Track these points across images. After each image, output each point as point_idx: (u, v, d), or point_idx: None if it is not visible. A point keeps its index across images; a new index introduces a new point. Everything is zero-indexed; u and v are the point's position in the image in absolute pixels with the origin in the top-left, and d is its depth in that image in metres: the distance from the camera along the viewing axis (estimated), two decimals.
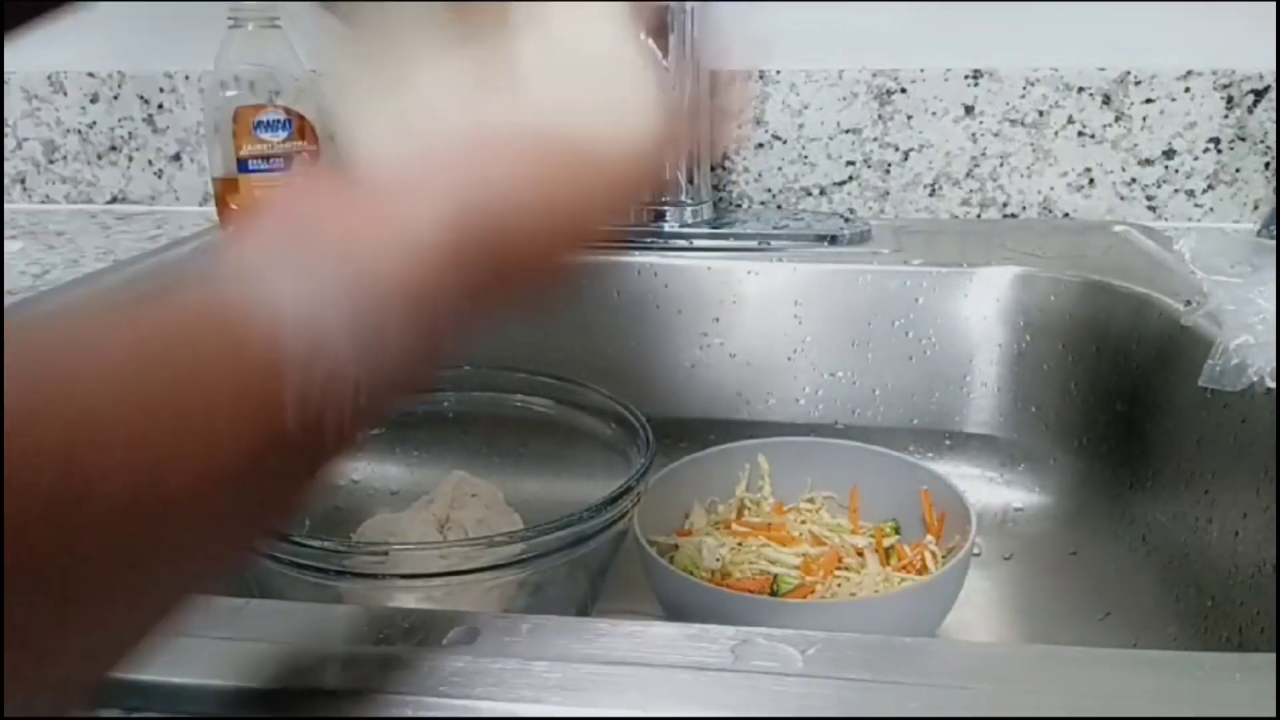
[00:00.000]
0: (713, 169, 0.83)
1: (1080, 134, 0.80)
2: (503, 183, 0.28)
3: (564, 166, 0.30)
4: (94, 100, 0.92)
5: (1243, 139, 0.78)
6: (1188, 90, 0.77)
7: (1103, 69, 0.78)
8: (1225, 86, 0.77)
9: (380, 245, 0.26)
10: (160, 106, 0.91)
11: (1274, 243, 0.70)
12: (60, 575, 0.18)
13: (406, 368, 0.26)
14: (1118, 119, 0.79)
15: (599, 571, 0.50)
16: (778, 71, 0.82)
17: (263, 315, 0.23)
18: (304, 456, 0.24)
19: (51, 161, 0.94)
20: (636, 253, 0.73)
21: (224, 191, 0.76)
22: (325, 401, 0.23)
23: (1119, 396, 0.64)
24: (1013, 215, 0.83)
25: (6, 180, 0.95)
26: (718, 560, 0.54)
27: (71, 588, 0.18)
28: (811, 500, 0.62)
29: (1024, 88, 0.79)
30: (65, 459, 0.18)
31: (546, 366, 0.63)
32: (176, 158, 0.92)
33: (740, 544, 0.57)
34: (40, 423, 0.18)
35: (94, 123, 0.93)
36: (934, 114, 0.81)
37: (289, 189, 0.29)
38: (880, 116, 0.82)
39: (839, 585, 0.54)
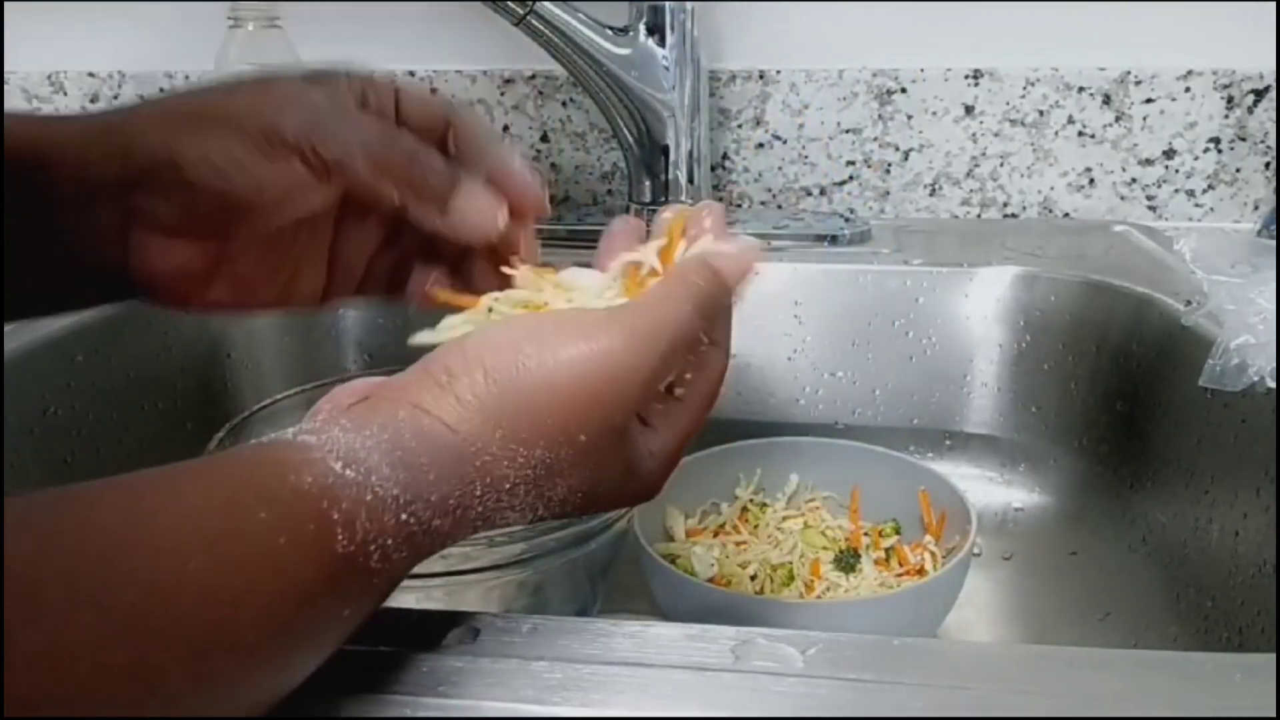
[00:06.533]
0: (713, 169, 0.83)
1: (1080, 134, 0.80)
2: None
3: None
4: (94, 100, 0.92)
5: (1243, 139, 0.78)
6: (1188, 90, 0.77)
7: (1103, 69, 0.78)
8: (1225, 86, 0.77)
9: (423, 404, 0.28)
10: None
11: (1274, 243, 0.70)
12: (143, 686, 0.21)
13: (449, 507, 0.28)
14: (1118, 119, 0.79)
15: (599, 571, 0.49)
16: (778, 71, 0.82)
17: (314, 455, 0.26)
18: (355, 580, 0.26)
19: None
20: None
21: None
22: (371, 529, 0.25)
23: (1119, 396, 0.64)
24: (1013, 215, 0.83)
25: None
26: (713, 564, 0.54)
27: (154, 695, 0.21)
28: (812, 500, 0.62)
29: (1024, 88, 0.79)
30: (147, 585, 0.21)
31: None
32: None
33: (739, 545, 0.57)
34: (128, 562, 0.21)
35: None
36: (934, 114, 0.81)
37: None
38: (880, 116, 0.82)
39: (839, 586, 0.54)
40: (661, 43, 0.72)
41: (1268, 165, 0.78)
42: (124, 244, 0.36)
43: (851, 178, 0.84)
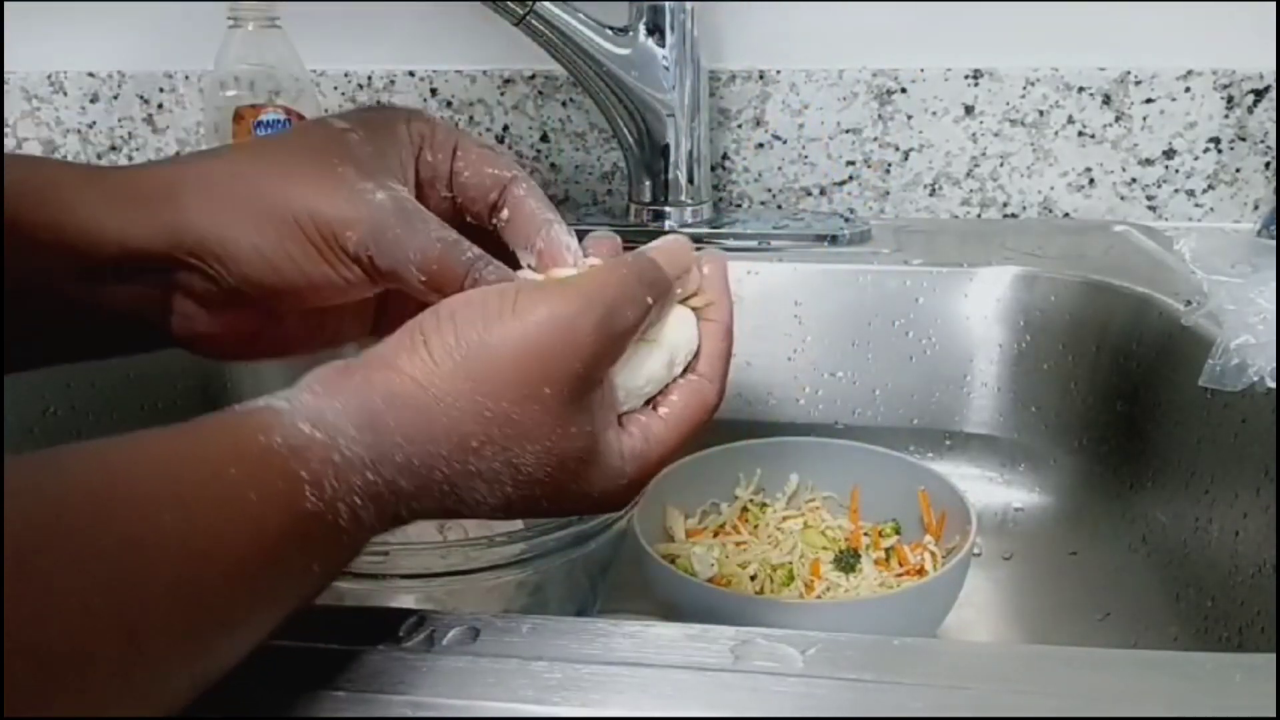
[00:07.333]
0: (713, 169, 0.83)
1: (1080, 134, 0.80)
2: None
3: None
4: (94, 100, 0.92)
5: (1243, 139, 0.78)
6: (1188, 90, 0.77)
7: (1103, 69, 0.78)
8: (1225, 86, 0.77)
9: (399, 364, 0.29)
10: (160, 106, 0.91)
11: (1274, 243, 0.70)
12: (124, 639, 0.21)
13: (414, 467, 0.29)
14: (1118, 119, 0.79)
15: (599, 571, 0.49)
16: (778, 71, 0.82)
17: (284, 419, 0.27)
18: (324, 537, 0.27)
19: None
20: None
21: None
22: (339, 487, 0.27)
23: (1119, 396, 0.64)
24: (1013, 215, 0.83)
25: None
26: (713, 564, 0.54)
27: (135, 649, 0.21)
28: (812, 500, 0.62)
29: (1024, 88, 0.79)
30: (125, 538, 0.22)
31: None
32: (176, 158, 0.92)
33: (739, 545, 0.57)
34: (105, 515, 0.22)
35: (94, 123, 0.93)
36: (934, 114, 0.81)
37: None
38: (880, 116, 0.82)
39: (839, 586, 0.54)
40: (661, 43, 0.72)
41: (1268, 165, 0.78)
42: (166, 309, 0.37)
43: (851, 178, 0.84)
